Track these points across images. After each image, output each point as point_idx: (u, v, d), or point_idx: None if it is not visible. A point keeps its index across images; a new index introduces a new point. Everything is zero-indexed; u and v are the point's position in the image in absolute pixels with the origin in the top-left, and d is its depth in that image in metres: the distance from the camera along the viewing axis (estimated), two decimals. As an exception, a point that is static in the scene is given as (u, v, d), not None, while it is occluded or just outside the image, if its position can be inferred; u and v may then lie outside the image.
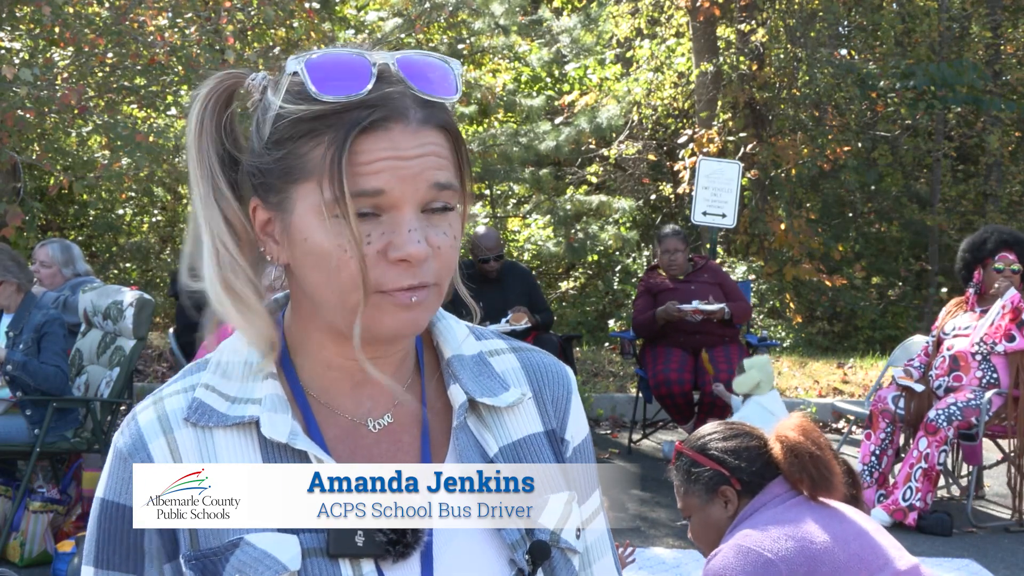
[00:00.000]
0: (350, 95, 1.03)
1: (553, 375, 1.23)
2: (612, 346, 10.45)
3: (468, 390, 1.16)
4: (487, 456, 1.14)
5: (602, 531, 1.26)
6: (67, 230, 12.52)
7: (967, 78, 11.46)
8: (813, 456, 2.38)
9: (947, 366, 5.90)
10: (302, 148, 1.04)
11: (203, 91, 1.12)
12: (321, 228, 1.03)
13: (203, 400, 1.11)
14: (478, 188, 12.52)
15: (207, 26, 7.70)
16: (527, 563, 1.12)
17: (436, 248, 1.05)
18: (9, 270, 5.19)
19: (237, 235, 1.10)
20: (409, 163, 1.03)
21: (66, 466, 5.51)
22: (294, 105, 1.05)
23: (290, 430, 1.09)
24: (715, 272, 7.13)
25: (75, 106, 6.77)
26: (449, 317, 1.22)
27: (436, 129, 1.05)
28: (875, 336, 13.14)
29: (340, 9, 11.22)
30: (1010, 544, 5.66)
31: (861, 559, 2.27)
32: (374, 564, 1.08)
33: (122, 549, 1.10)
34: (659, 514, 5.95)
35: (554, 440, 1.20)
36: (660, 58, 12.19)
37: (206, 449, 1.09)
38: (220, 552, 1.07)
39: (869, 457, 5.97)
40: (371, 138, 1.03)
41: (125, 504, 1.10)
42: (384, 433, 1.14)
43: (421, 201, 1.04)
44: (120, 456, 1.11)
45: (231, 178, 1.12)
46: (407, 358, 1.17)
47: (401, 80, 1.06)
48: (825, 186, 14.11)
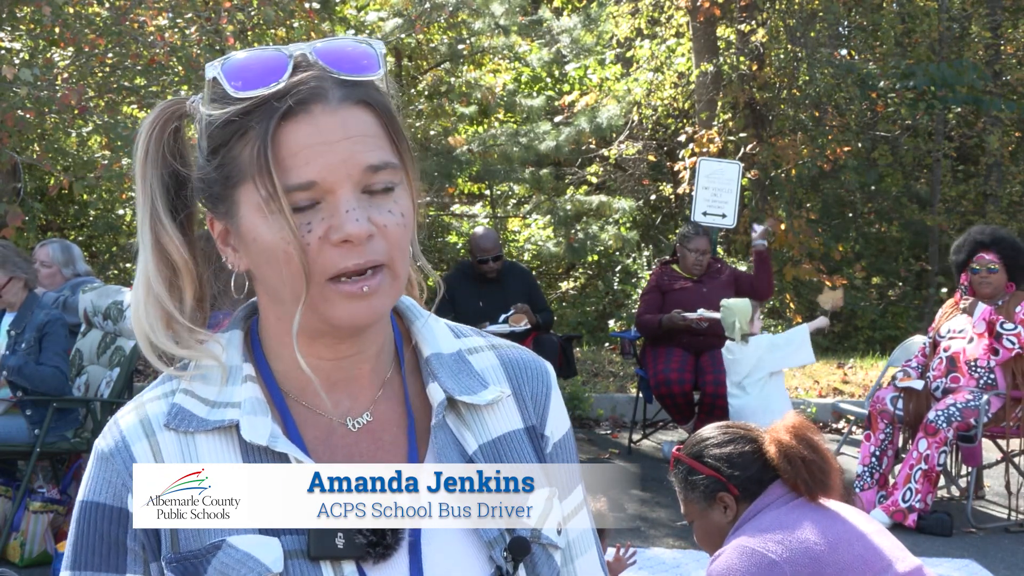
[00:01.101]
0: (267, 86, 1.04)
1: (532, 371, 1.22)
2: (612, 346, 10.45)
3: (447, 388, 1.16)
4: (466, 454, 1.14)
5: (585, 527, 1.25)
6: (67, 230, 12.51)
7: (967, 78, 11.45)
8: (806, 460, 2.38)
9: (944, 367, 5.90)
10: (234, 150, 1.06)
11: (147, 120, 1.14)
12: (264, 225, 1.05)
13: (182, 406, 1.11)
14: (478, 188, 12.52)
15: (207, 26, 7.70)
16: (506, 560, 1.11)
17: (382, 227, 1.05)
18: (19, 266, 5.22)
19: (173, 265, 1.12)
20: (336, 147, 1.04)
21: (66, 466, 5.51)
22: (220, 110, 1.06)
23: (270, 432, 1.09)
24: (728, 273, 7.10)
25: (75, 106, 6.76)
26: (428, 315, 1.22)
27: (359, 106, 1.06)
28: (875, 336, 13.13)
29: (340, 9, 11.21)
30: (1010, 544, 5.66)
31: (865, 560, 2.27)
32: (355, 565, 1.08)
33: (102, 549, 1.10)
34: (659, 514, 5.95)
35: (534, 436, 1.20)
36: (660, 58, 12.19)
37: (188, 453, 1.10)
38: (201, 554, 1.07)
39: (869, 458, 5.97)
40: (294, 126, 1.03)
41: (105, 503, 1.10)
42: (364, 432, 1.14)
43: (357, 183, 1.05)
44: (102, 457, 1.11)
45: (175, 203, 1.13)
46: (382, 355, 1.16)
47: (318, 65, 1.06)
48: (825, 186, 14.10)
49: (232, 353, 1.14)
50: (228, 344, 1.15)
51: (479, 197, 12.91)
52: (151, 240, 1.12)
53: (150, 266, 1.11)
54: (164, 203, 1.12)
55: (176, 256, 1.12)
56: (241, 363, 1.13)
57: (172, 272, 1.12)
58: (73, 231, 12.55)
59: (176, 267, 1.12)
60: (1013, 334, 5.72)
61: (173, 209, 1.13)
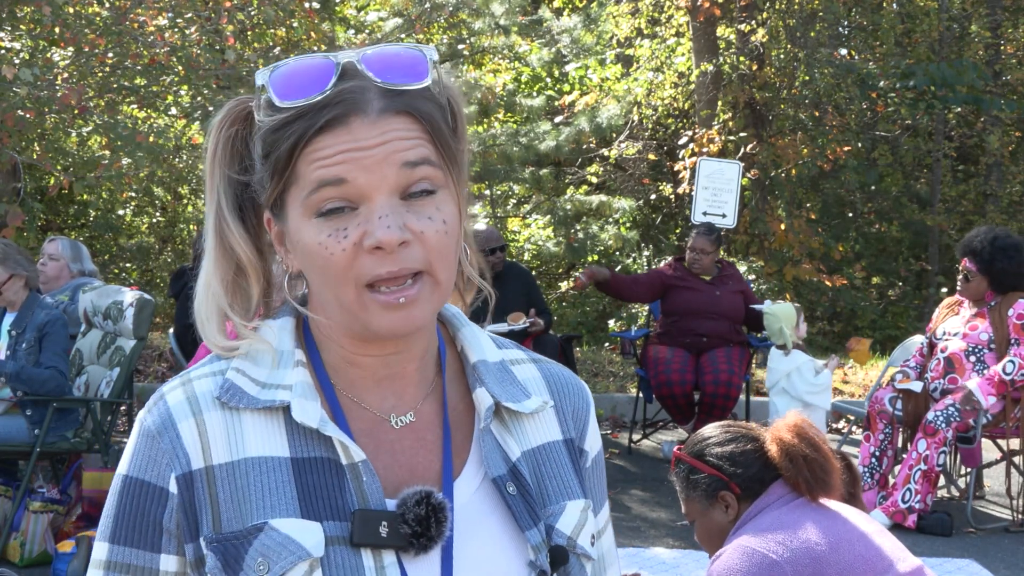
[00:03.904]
0: (309, 97, 1.06)
1: (573, 388, 1.26)
2: (612, 346, 10.44)
3: (494, 394, 1.18)
4: (509, 460, 1.16)
5: (611, 543, 1.30)
6: (67, 230, 12.50)
7: (967, 78, 11.45)
8: (808, 459, 2.37)
9: (942, 368, 5.89)
10: (280, 155, 1.08)
11: (217, 117, 1.16)
12: (306, 229, 1.07)
13: (234, 382, 1.12)
14: (478, 188, 12.52)
15: (207, 26, 7.69)
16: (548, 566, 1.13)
17: (418, 233, 1.06)
18: (20, 264, 5.23)
19: (237, 262, 1.14)
20: (371, 152, 1.05)
21: (66, 466, 5.51)
22: (268, 117, 1.09)
23: (320, 417, 1.10)
24: (739, 279, 7.09)
25: (75, 106, 6.76)
26: (472, 325, 1.24)
27: (400, 116, 1.07)
28: (875, 336, 13.12)
29: (340, 9, 11.22)
30: (1010, 544, 5.66)
31: (866, 560, 2.27)
32: (395, 556, 1.09)
33: (141, 526, 1.11)
34: (659, 514, 5.95)
35: (572, 449, 1.22)
36: (660, 58, 12.18)
37: (234, 431, 1.11)
38: (243, 536, 1.07)
39: (869, 459, 5.97)
40: (329, 135, 1.05)
41: (151, 482, 1.10)
42: (407, 430, 1.16)
43: (395, 186, 1.06)
44: (148, 434, 1.12)
45: (242, 202, 1.15)
46: (427, 358, 1.18)
47: (363, 74, 1.07)
48: (825, 186, 14.10)
49: (284, 338, 1.16)
50: (280, 329, 1.16)
51: (479, 197, 12.91)
52: (215, 237, 1.14)
53: (212, 264, 1.14)
54: (230, 202, 1.14)
55: (241, 254, 1.14)
56: (293, 348, 1.15)
57: (236, 269, 1.14)
58: (73, 231, 12.55)
59: (241, 264, 1.14)
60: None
61: (240, 207, 1.15)
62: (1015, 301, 5.79)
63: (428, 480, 1.13)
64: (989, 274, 5.81)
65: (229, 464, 1.09)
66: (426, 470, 1.14)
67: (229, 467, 1.09)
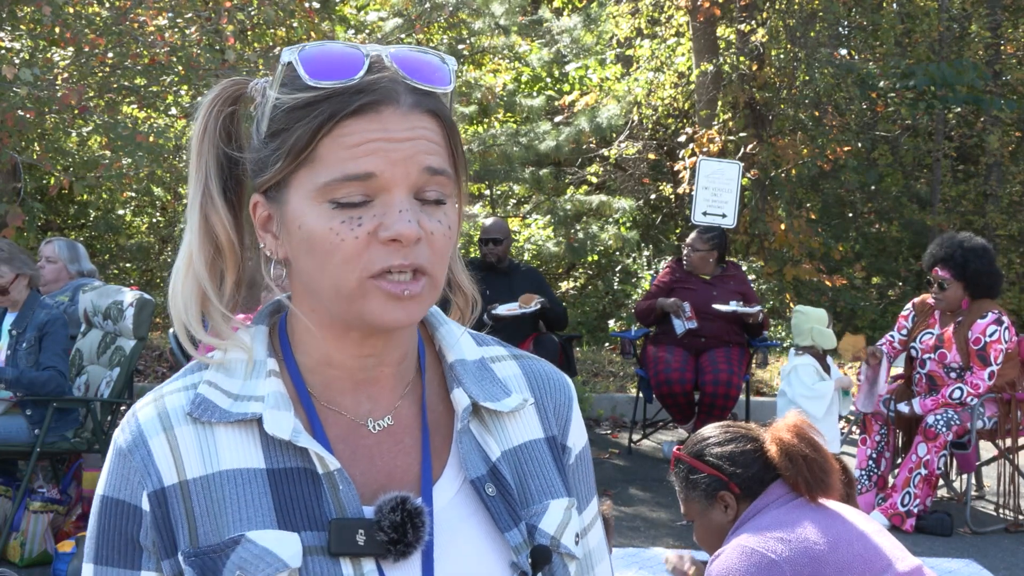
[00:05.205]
0: (342, 80, 1.05)
1: (555, 383, 1.24)
2: (612, 346, 10.45)
3: (471, 394, 1.16)
4: (489, 460, 1.15)
5: (600, 537, 1.28)
6: (67, 230, 12.51)
7: (967, 78, 11.45)
8: (807, 458, 2.38)
9: (926, 384, 5.88)
10: (295, 135, 1.06)
11: (208, 97, 1.14)
12: (314, 213, 1.05)
13: (206, 396, 1.11)
14: (478, 188, 12.52)
15: (207, 26, 7.70)
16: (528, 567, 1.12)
17: (429, 233, 1.06)
18: (25, 263, 5.24)
19: (218, 245, 1.12)
20: (400, 145, 1.04)
21: (66, 466, 5.51)
22: (289, 95, 1.06)
23: (293, 428, 1.09)
24: (741, 280, 7.08)
25: (75, 106, 6.76)
26: (450, 323, 1.22)
27: (428, 114, 1.07)
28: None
29: (340, 9, 11.22)
30: (1010, 544, 5.66)
31: (865, 560, 2.27)
32: (375, 563, 1.08)
33: (121, 545, 1.10)
34: (659, 514, 5.95)
35: (554, 446, 1.21)
36: (660, 58, 12.18)
37: (207, 446, 1.09)
38: (220, 549, 1.07)
39: (866, 461, 5.97)
40: (361, 120, 1.04)
41: (125, 500, 1.10)
42: (385, 434, 1.14)
43: (413, 186, 1.05)
44: (120, 453, 1.11)
45: (227, 183, 1.14)
46: (407, 360, 1.17)
47: (392, 69, 1.07)
48: (825, 186, 14.10)
49: (257, 347, 1.14)
50: (254, 339, 1.15)
51: (479, 197, 12.91)
52: (199, 217, 1.12)
53: (195, 243, 1.12)
54: (217, 181, 1.13)
55: (222, 235, 1.12)
56: (265, 358, 1.14)
57: (216, 252, 1.13)
58: (73, 231, 12.55)
59: (221, 247, 1.12)
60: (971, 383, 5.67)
61: (225, 189, 1.14)
62: (974, 321, 5.71)
63: (407, 485, 1.12)
64: (964, 279, 5.72)
65: (204, 478, 1.08)
66: (405, 474, 1.13)
67: (204, 481, 1.08)
